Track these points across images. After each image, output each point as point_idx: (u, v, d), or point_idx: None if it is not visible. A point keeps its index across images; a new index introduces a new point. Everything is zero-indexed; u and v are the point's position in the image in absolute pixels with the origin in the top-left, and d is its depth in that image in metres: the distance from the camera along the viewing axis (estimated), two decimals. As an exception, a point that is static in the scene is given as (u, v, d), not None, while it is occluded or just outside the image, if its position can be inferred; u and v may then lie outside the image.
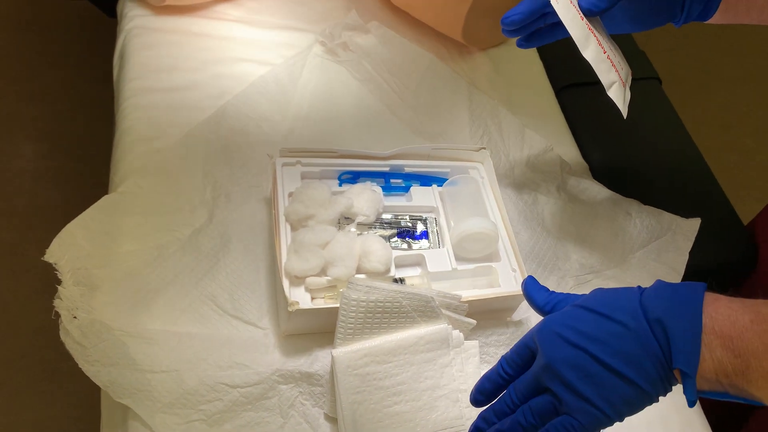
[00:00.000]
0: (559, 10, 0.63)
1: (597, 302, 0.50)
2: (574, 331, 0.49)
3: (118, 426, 0.64)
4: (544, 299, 0.56)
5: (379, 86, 0.95)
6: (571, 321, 0.50)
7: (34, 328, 1.34)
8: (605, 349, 0.47)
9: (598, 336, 0.48)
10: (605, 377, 0.47)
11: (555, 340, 0.49)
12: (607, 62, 0.65)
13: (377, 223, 0.75)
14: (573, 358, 0.48)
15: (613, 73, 0.65)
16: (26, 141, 1.65)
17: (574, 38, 0.63)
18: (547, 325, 0.51)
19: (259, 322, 0.69)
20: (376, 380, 0.63)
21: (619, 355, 0.47)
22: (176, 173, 0.79)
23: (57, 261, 0.67)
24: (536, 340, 0.51)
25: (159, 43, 0.93)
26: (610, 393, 0.47)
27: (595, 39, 0.64)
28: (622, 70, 0.67)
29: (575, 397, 0.47)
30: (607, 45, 0.66)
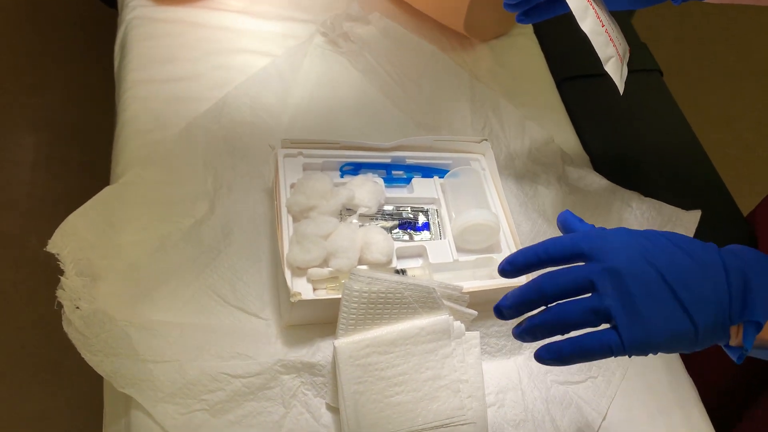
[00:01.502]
0: None
1: (676, 237, 0.49)
2: (651, 250, 0.47)
3: (120, 416, 0.64)
4: (588, 228, 0.53)
5: (381, 77, 0.94)
6: (648, 241, 0.48)
7: (36, 320, 1.34)
8: (678, 278, 0.46)
9: (674, 264, 0.47)
10: (669, 304, 0.46)
11: (628, 250, 0.47)
12: (604, 35, 0.64)
13: (379, 214, 0.75)
14: (642, 273, 0.46)
15: (611, 48, 0.65)
16: (27, 132, 1.65)
17: (573, 9, 0.63)
18: (619, 235, 0.49)
19: (261, 312, 0.69)
20: (377, 370, 0.63)
21: (689, 288, 0.46)
22: (178, 164, 0.79)
23: (59, 252, 0.67)
24: (595, 246, 0.48)
25: (160, 33, 0.93)
26: (667, 321, 0.46)
27: (594, 11, 0.64)
28: (620, 46, 0.67)
29: (630, 312, 0.46)
30: (606, 19, 0.66)
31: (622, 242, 0.48)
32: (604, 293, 0.46)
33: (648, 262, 0.47)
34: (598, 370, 0.74)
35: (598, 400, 0.71)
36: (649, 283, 0.46)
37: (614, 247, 0.48)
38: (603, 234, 0.49)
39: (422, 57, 0.97)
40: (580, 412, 0.70)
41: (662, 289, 0.46)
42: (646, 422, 0.72)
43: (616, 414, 0.72)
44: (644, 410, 0.73)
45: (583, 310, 0.47)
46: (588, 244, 0.48)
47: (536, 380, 0.71)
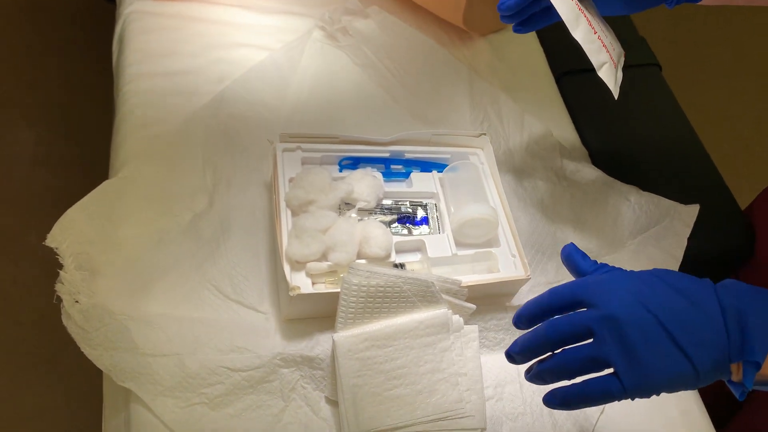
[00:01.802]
0: None
1: (671, 277, 0.50)
2: (647, 294, 0.48)
3: (120, 409, 0.65)
4: (591, 266, 0.54)
5: (379, 72, 0.94)
6: (643, 285, 0.49)
7: (35, 314, 1.34)
8: (675, 322, 0.46)
9: (671, 307, 0.47)
10: (667, 348, 0.46)
11: (624, 296, 0.48)
12: (597, 42, 0.65)
13: (378, 208, 0.76)
14: (639, 319, 0.47)
15: (604, 54, 0.65)
16: (25, 126, 1.65)
17: (564, 19, 0.63)
18: (615, 280, 0.50)
19: (259, 306, 0.69)
20: (376, 364, 0.63)
21: (687, 331, 0.46)
22: (176, 158, 0.79)
23: (58, 246, 0.67)
24: (593, 293, 0.49)
25: (158, 27, 0.93)
26: (667, 365, 0.46)
27: (586, 19, 0.64)
28: (614, 51, 0.67)
29: (629, 358, 0.46)
30: (599, 26, 0.66)
31: (619, 287, 0.49)
32: (602, 341, 0.47)
33: (644, 307, 0.47)
34: (596, 364, 0.74)
35: (596, 394, 0.72)
36: (646, 328, 0.47)
37: (611, 293, 0.49)
38: (600, 280, 0.50)
39: (421, 51, 0.97)
40: (578, 406, 0.70)
41: (660, 334, 0.47)
42: (643, 416, 0.72)
43: (614, 408, 0.72)
44: (642, 404, 0.73)
45: (583, 359, 0.49)
46: (585, 292, 0.50)
47: (534, 374, 0.71)
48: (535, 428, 0.68)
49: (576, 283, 0.52)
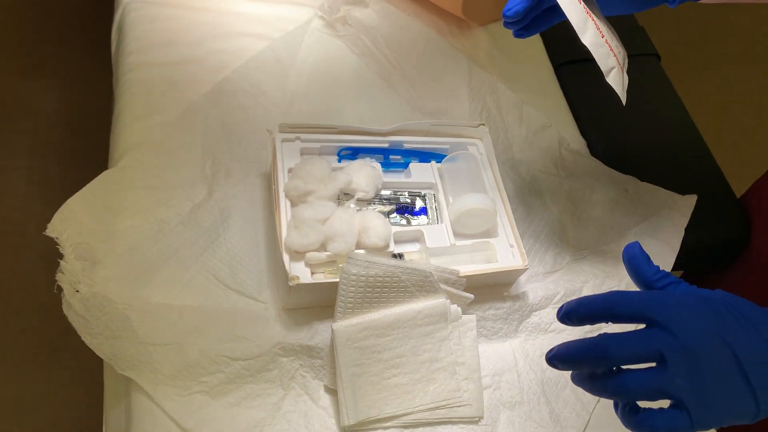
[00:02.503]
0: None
1: (745, 308, 0.46)
2: (725, 325, 0.45)
3: (121, 397, 0.65)
4: (655, 274, 0.50)
5: (378, 61, 0.94)
6: (720, 315, 0.45)
7: (35, 303, 1.35)
8: (750, 361, 0.44)
9: (746, 344, 0.44)
10: (740, 389, 0.44)
11: (702, 324, 0.45)
12: (605, 47, 0.64)
13: (376, 199, 0.76)
14: (717, 355, 0.44)
15: (612, 59, 0.64)
16: (24, 116, 1.64)
17: (573, 23, 0.62)
18: (691, 305, 0.46)
19: (259, 295, 0.70)
20: (375, 353, 0.64)
21: (760, 372, 0.44)
22: (176, 148, 0.79)
23: (58, 235, 0.68)
24: (668, 316, 0.45)
25: (157, 16, 0.93)
26: (734, 405, 0.44)
27: (593, 23, 0.63)
28: (620, 54, 0.66)
29: (701, 395, 0.43)
30: (605, 29, 0.65)
31: (697, 314, 0.45)
32: (676, 373, 0.44)
33: (723, 342, 0.44)
34: (593, 353, 0.74)
35: (593, 383, 0.72)
36: (722, 365, 0.44)
37: (690, 321, 0.45)
38: (676, 302, 0.47)
39: (420, 41, 0.97)
40: (575, 395, 0.71)
41: (735, 373, 0.44)
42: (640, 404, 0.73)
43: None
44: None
45: (647, 389, 0.45)
46: (660, 312, 0.45)
47: (532, 363, 0.72)
48: (532, 417, 0.69)
49: (648, 296, 0.47)
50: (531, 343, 0.74)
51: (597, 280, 0.79)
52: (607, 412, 0.71)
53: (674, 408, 0.44)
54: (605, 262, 0.81)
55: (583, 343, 0.46)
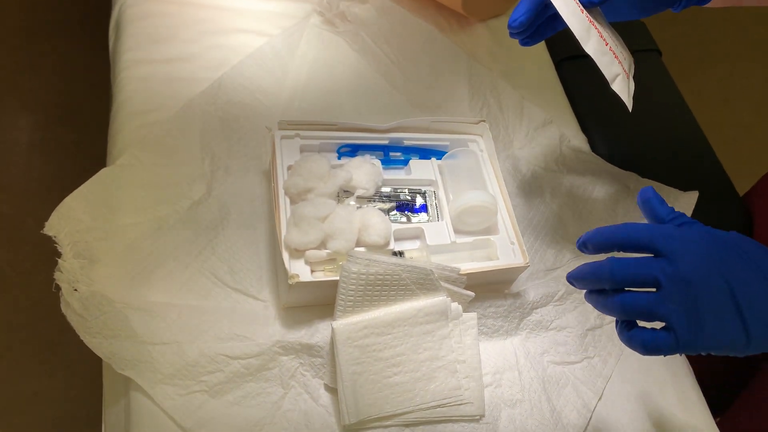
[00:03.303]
0: (558, 5, 0.61)
1: (749, 245, 0.49)
2: (724, 261, 0.48)
3: (120, 397, 0.65)
4: (668, 213, 0.53)
5: (378, 58, 0.94)
6: (722, 250, 0.48)
7: (33, 300, 1.35)
8: (746, 295, 0.47)
9: (745, 278, 0.47)
10: (731, 319, 0.47)
11: (703, 258, 0.48)
12: (609, 54, 0.63)
13: (376, 196, 0.75)
14: (714, 287, 0.47)
15: (616, 65, 0.63)
16: (21, 112, 1.64)
17: (575, 32, 0.61)
18: (696, 240, 0.49)
19: (259, 294, 0.69)
20: (375, 351, 0.64)
21: (753, 306, 0.46)
22: (174, 146, 0.79)
23: (56, 234, 0.67)
24: (672, 248, 0.48)
25: (155, 13, 0.92)
26: (724, 333, 0.47)
27: (597, 31, 0.62)
28: (625, 61, 0.65)
29: (690, 322, 0.47)
30: (609, 36, 0.65)
31: (699, 247, 0.48)
32: (668, 298, 0.47)
33: (721, 274, 0.47)
34: (594, 351, 0.74)
35: (594, 381, 0.72)
36: (717, 296, 0.47)
37: (691, 252, 0.48)
38: (682, 235, 0.49)
39: (420, 37, 0.97)
40: (577, 392, 0.71)
41: (728, 305, 0.46)
42: (641, 403, 0.73)
43: (612, 394, 0.72)
44: (640, 391, 0.73)
45: (640, 310, 0.49)
46: (665, 241, 0.49)
47: (533, 361, 0.72)
48: (533, 414, 0.69)
49: (657, 228, 0.50)
50: (532, 340, 0.73)
51: (598, 277, 0.79)
52: (609, 410, 0.71)
53: (664, 330, 0.48)
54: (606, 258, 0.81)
55: (594, 264, 0.51)
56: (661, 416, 0.72)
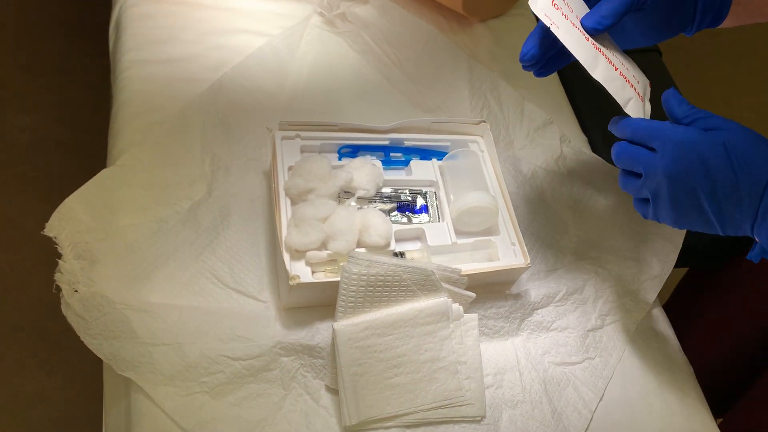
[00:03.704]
0: (561, 36, 0.60)
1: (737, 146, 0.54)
2: (704, 161, 0.54)
3: (120, 398, 0.65)
4: (684, 112, 0.58)
5: (378, 58, 0.94)
6: (706, 149, 0.54)
7: (34, 300, 1.35)
8: (715, 200, 0.54)
9: (719, 184, 0.54)
10: (700, 218, 0.56)
11: (682, 159, 0.54)
12: (620, 79, 0.62)
13: (377, 197, 0.75)
14: (686, 188, 0.55)
15: (629, 89, 0.63)
16: (21, 112, 1.64)
17: (581, 62, 0.60)
18: (686, 141, 0.55)
19: (259, 295, 0.69)
20: (376, 352, 0.64)
21: (723, 211, 0.54)
22: (175, 146, 0.79)
23: (57, 235, 0.67)
24: (663, 144, 0.56)
25: (155, 13, 0.92)
26: (694, 225, 0.58)
27: (604, 57, 0.62)
28: (639, 84, 0.65)
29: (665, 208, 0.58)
30: (619, 60, 0.64)
31: (682, 150, 0.55)
32: (645, 185, 0.58)
33: (694, 177, 0.54)
34: (595, 351, 0.74)
35: (595, 381, 0.72)
36: (687, 195, 0.55)
37: (672, 152, 0.55)
38: (674, 137, 0.56)
39: (420, 37, 0.96)
40: (578, 393, 0.71)
41: (696, 204, 0.55)
42: (642, 403, 0.73)
43: (613, 395, 0.72)
44: (641, 391, 0.73)
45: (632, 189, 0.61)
46: (658, 140, 0.57)
47: (534, 361, 0.72)
48: (534, 415, 0.68)
49: (656, 128, 0.57)
50: (533, 341, 0.73)
51: (599, 277, 0.79)
52: (610, 411, 0.71)
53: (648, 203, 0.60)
54: (607, 260, 0.81)
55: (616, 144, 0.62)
56: (661, 417, 0.72)
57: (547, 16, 0.60)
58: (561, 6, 0.61)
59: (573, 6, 0.63)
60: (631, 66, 0.66)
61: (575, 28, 0.61)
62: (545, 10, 0.60)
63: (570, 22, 0.61)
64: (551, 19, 0.60)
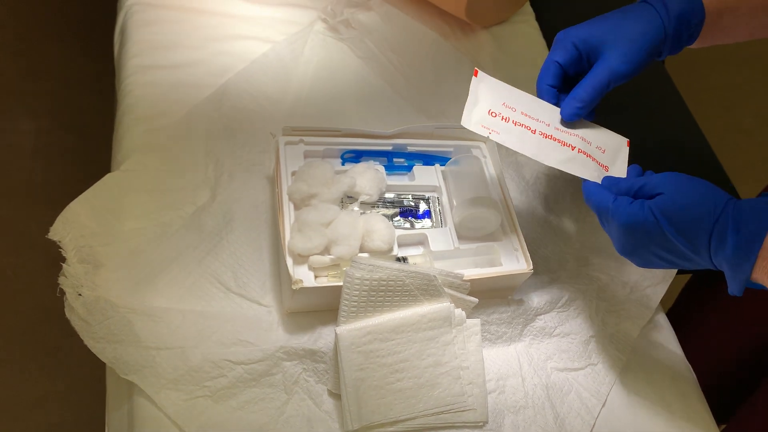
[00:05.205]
0: (502, 140, 0.63)
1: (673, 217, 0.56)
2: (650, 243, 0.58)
3: (123, 402, 0.65)
4: (628, 187, 0.61)
5: (382, 64, 0.94)
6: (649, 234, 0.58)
7: (36, 305, 1.35)
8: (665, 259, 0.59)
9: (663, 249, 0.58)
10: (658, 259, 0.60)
11: (632, 243, 0.59)
12: (578, 157, 0.65)
13: (380, 202, 0.75)
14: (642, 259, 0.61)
15: (589, 163, 0.65)
16: (26, 117, 1.64)
17: (530, 156, 0.64)
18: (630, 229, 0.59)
19: (262, 299, 0.69)
20: (379, 357, 0.64)
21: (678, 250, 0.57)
22: (178, 151, 0.79)
23: (61, 239, 0.67)
24: (611, 228, 0.61)
25: (160, 19, 0.93)
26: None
27: (557, 143, 0.65)
28: (605, 153, 0.68)
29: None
30: (580, 136, 0.67)
31: (629, 230, 0.59)
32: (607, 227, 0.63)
33: (643, 251, 0.60)
34: (597, 357, 0.74)
35: (598, 387, 0.72)
36: (643, 261, 0.61)
37: (621, 232, 0.59)
38: (619, 219, 0.59)
39: (424, 43, 0.97)
40: (580, 399, 0.71)
41: (654, 264, 0.61)
42: (645, 410, 0.72)
43: (616, 400, 0.72)
44: (643, 397, 0.73)
45: None
46: (606, 223, 0.63)
47: (536, 367, 0.72)
48: (536, 421, 0.68)
49: (604, 207, 0.61)
50: (535, 347, 0.73)
51: (601, 283, 0.79)
52: (613, 417, 0.71)
53: None
54: (610, 265, 0.81)
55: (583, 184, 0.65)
56: (664, 424, 0.72)
57: (484, 127, 0.64)
58: (499, 111, 0.65)
59: (516, 103, 0.67)
60: (599, 133, 0.68)
61: (519, 126, 0.65)
62: (481, 122, 0.64)
63: (512, 122, 0.65)
64: (489, 128, 0.64)
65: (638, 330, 0.77)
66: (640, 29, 0.65)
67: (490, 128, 0.63)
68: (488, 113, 0.64)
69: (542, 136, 0.65)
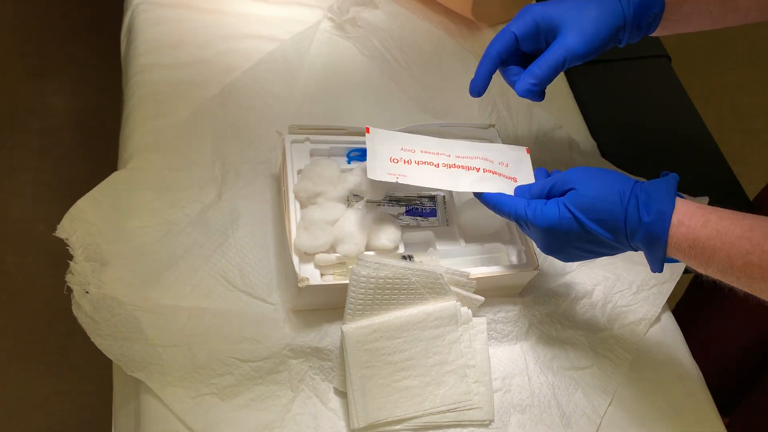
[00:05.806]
0: (410, 182, 0.65)
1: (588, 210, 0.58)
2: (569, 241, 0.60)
3: (130, 399, 0.65)
4: (540, 190, 0.63)
5: (388, 63, 0.94)
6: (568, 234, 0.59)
7: (42, 304, 1.35)
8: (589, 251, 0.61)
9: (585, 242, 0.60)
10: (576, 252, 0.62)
11: (555, 245, 0.61)
12: (485, 176, 0.67)
13: (386, 200, 0.75)
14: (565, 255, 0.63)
15: (497, 179, 0.67)
16: (32, 116, 1.65)
17: (441, 188, 0.67)
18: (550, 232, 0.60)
19: (268, 297, 0.70)
20: (385, 355, 0.64)
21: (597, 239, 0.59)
22: (185, 150, 0.79)
23: (68, 237, 0.68)
24: (531, 231, 0.63)
25: (167, 18, 0.93)
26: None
27: (463, 169, 0.68)
28: (509, 167, 0.69)
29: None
30: (484, 157, 0.69)
31: (548, 233, 0.60)
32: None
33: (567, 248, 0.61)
34: (604, 356, 0.74)
35: (604, 386, 0.72)
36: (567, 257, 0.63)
37: (541, 235, 0.61)
38: (539, 224, 0.60)
39: (429, 42, 0.97)
40: (586, 398, 0.70)
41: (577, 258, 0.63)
42: (650, 407, 0.72)
43: (621, 399, 0.72)
44: (649, 395, 0.73)
45: None
46: (525, 228, 0.64)
47: (542, 366, 0.72)
48: (542, 420, 0.68)
49: (522, 214, 0.62)
50: (542, 346, 0.73)
51: (608, 282, 0.78)
52: (619, 416, 0.71)
53: None
54: (616, 264, 0.80)
55: None
56: (669, 420, 0.72)
57: (391, 174, 0.65)
58: (400, 156, 0.67)
59: (413, 145, 0.69)
60: (498, 150, 0.71)
61: (422, 164, 0.67)
62: (387, 171, 0.65)
63: (415, 163, 0.67)
64: (395, 174, 0.65)
65: (645, 329, 0.77)
66: (599, 13, 0.66)
67: (397, 173, 0.66)
68: (390, 161, 0.67)
69: (446, 167, 0.68)
